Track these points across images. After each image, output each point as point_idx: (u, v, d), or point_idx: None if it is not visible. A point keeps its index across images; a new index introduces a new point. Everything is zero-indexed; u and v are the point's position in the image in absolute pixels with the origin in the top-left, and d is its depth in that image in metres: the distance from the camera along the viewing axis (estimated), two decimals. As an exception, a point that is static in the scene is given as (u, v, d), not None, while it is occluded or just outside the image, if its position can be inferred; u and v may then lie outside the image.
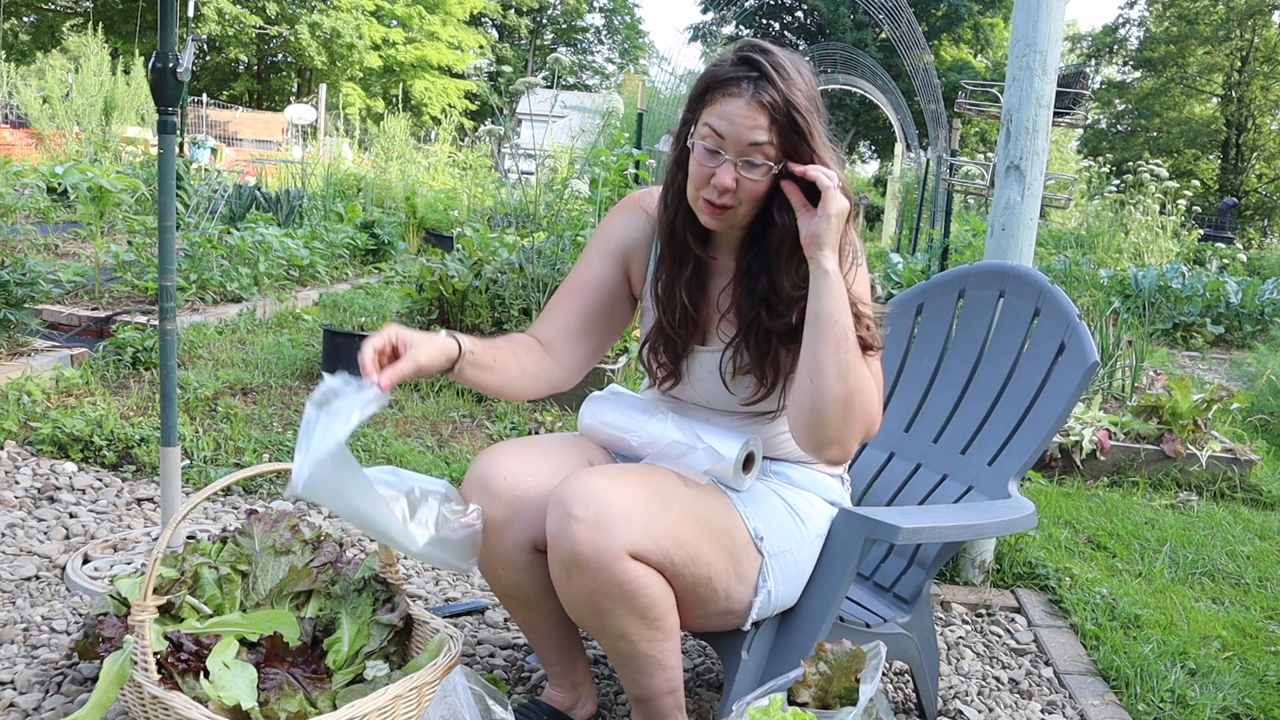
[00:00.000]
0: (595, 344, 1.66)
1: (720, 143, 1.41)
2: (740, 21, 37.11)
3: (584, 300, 1.64)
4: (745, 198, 1.44)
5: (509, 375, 1.55)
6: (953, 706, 1.99)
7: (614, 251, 1.66)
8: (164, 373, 2.11)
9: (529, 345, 1.61)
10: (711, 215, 1.47)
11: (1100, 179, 11.12)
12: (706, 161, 1.43)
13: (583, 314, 1.64)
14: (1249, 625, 2.43)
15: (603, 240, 1.68)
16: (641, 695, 1.53)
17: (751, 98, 1.39)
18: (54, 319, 4.28)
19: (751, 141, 1.40)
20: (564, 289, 1.67)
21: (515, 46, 42.04)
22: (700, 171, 1.45)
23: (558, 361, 1.62)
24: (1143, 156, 12.59)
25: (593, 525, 1.35)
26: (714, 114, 1.42)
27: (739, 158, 1.41)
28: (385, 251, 7.64)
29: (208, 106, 19.62)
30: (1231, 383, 5.56)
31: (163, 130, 2.02)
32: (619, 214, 1.69)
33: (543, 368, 1.61)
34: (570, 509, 1.37)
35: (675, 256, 1.58)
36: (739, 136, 1.40)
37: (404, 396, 3.84)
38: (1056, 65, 2.41)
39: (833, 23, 32.97)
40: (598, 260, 1.66)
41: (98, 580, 2.18)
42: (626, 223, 1.67)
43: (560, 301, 1.65)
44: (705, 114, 1.44)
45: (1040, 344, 1.86)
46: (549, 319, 1.65)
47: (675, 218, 1.55)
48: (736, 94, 1.40)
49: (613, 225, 1.68)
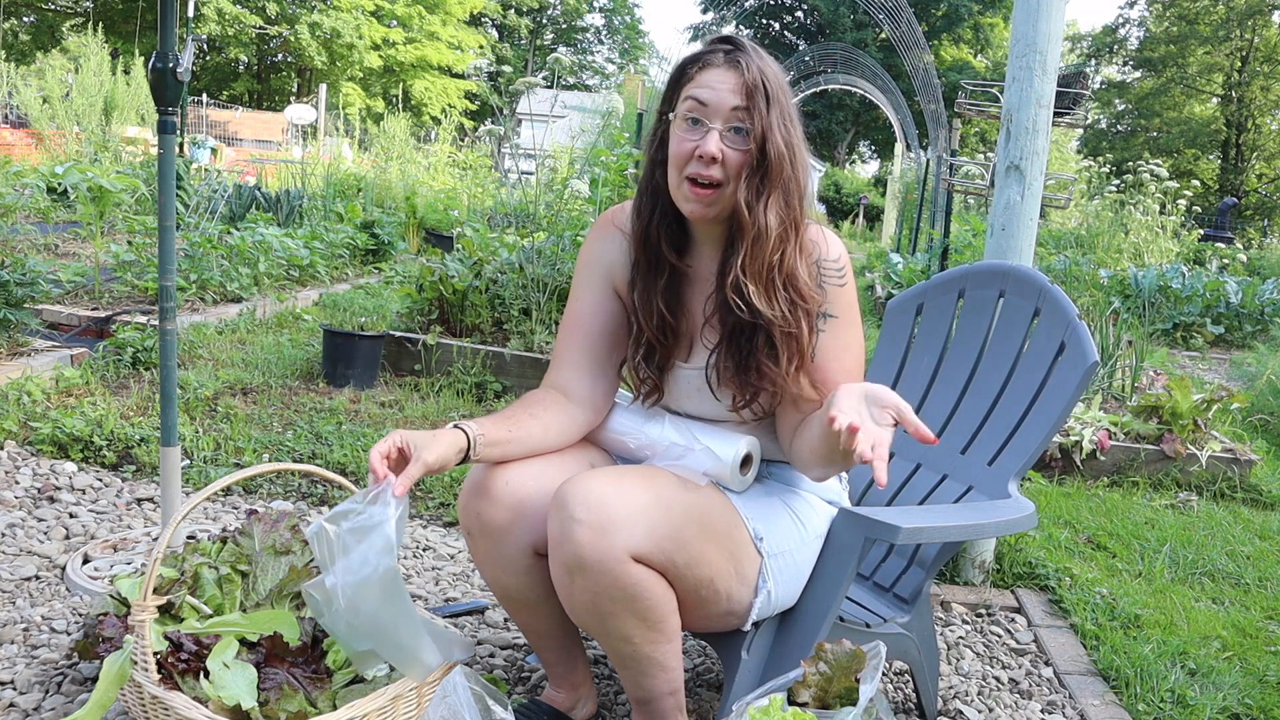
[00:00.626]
0: (610, 375, 1.65)
1: (703, 110, 1.42)
2: (740, 21, 37.13)
3: (585, 335, 1.63)
4: (731, 172, 1.43)
5: (532, 439, 1.53)
6: (953, 706, 1.99)
7: (599, 278, 1.64)
8: (164, 373, 2.11)
9: (546, 399, 1.59)
10: (698, 198, 1.45)
11: (1100, 179, 11.11)
12: (689, 134, 1.43)
13: (587, 349, 1.62)
14: (1249, 625, 2.43)
15: (586, 269, 1.66)
16: (642, 696, 1.53)
17: (729, 66, 1.42)
18: (54, 319, 4.28)
19: (733, 106, 1.41)
20: (565, 329, 1.65)
21: (515, 46, 42.05)
22: (683, 147, 1.44)
23: (580, 405, 1.61)
24: (1143, 156, 12.59)
25: (595, 528, 1.35)
26: (694, 86, 1.43)
27: (724, 125, 1.42)
28: (385, 251, 7.64)
29: (208, 106, 19.63)
30: (1231, 383, 5.57)
31: (163, 130, 2.02)
32: (594, 238, 1.67)
33: (568, 418, 1.59)
34: (572, 512, 1.36)
35: (650, 264, 1.56)
36: (721, 101, 1.41)
37: (404, 397, 3.84)
38: (1056, 65, 2.41)
39: (833, 23, 32.98)
40: (586, 291, 1.65)
41: (98, 580, 2.18)
42: (604, 245, 1.65)
43: (564, 343, 1.64)
44: (684, 90, 1.45)
45: (1040, 344, 1.85)
46: (560, 364, 1.63)
47: (650, 223, 1.53)
48: (714, 64, 1.43)
49: (591, 252, 1.66)
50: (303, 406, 3.56)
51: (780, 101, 1.43)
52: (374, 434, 3.27)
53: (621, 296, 1.65)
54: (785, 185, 1.44)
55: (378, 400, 3.75)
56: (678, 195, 1.47)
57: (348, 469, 2.99)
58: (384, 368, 4.14)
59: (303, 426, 3.32)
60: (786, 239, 1.46)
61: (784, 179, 1.44)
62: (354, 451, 3.10)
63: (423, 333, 4.26)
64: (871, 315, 7.67)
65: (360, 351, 3.93)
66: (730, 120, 1.41)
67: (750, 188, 1.43)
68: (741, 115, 1.41)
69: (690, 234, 1.57)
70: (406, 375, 4.15)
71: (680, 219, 1.54)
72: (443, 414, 3.65)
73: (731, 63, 1.42)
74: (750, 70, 1.41)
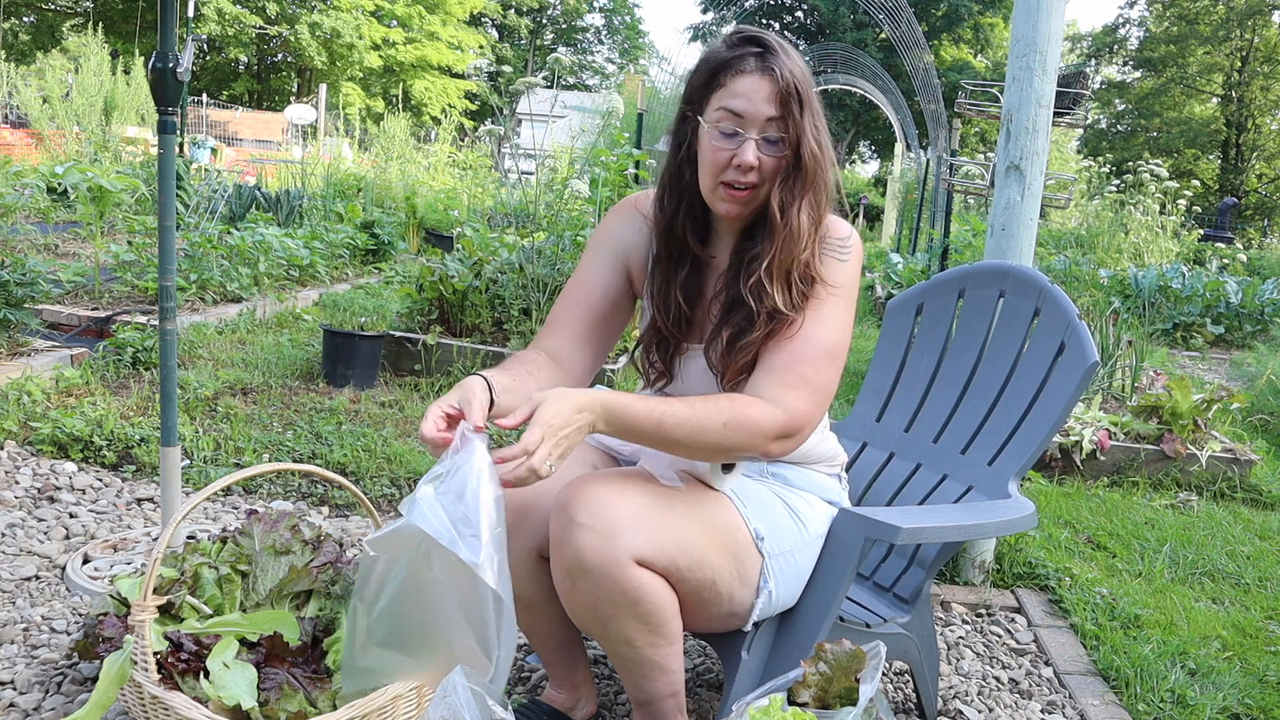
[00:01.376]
0: (600, 348, 1.65)
1: (739, 122, 1.42)
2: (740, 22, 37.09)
3: (588, 307, 1.63)
4: (767, 175, 1.44)
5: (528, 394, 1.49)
6: (953, 706, 1.99)
7: (613, 255, 1.65)
8: (164, 373, 2.11)
9: (538, 361, 1.58)
10: (735, 200, 1.46)
11: (1100, 179, 11.11)
12: (724, 144, 1.43)
13: (587, 320, 1.63)
14: (1249, 625, 2.43)
15: (601, 244, 1.67)
16: (643, 699, 1.53)
17: (762, 73, 1.41)
18: (54, 319, 4.28)
19: (769, 116, 1.41)
20: (566, 297, 1.65)
21: (515, 46, 42.04)
22: (719, 156, 1.44)
23: (567, 371, 1.60)
24: (1143, 156, 12.59)
25: (598, 532, 1.34)
26: (727, 95, 1.43)
27: (760, 135, 1.42)
28: (385, 251, 7.64)
29: (208, 106, 19.63)
30: (1231, 383, 5.57)
31: (163, 130, 2.02)
32: (615, 217, 1.68)
33: (555, 381, 1.58)
34: (575, 516, 1.36)
35: (672, 256, 1.57)
36: (757, 112, 1.41)
37: (404, 397, 3.84)
38: (1056, 65, 2.41)
39: (833, 23, 32.99)
40: (598, 265, 1.65)
41: (98, 580, 2.18)
42: (624, 225, 1.66)
43: (564, 310, 1.64)
44: (716, 98, 1.44)
45: (1040, 344, 1.85)
46: (555, 329, 1.62)
47: (675, 217, 1.54)
48: (746, 70, 1.42)
49: (610, 229, 1.68)
50: (303, 406, 3.56)
51: (811, 102, 1.43)
52: (374, 434, 3.27)
53: (632, 280, 1.66)
54: (817, 186, 1.46)
55: (378, 400, 3.75)
56: (712, 198, 1.48)
57: (348, 469, 2.99)
58: (384, 368, 4.14)
59: (303, 426, 3.32)
60: (813, 236, 1.48)
61: (817, 181, 1.45)
62: (354, 451, 3.10)
63: (423, 333, 4.26)
64: (871, 315, 7.67)
65: (360, 351, 3.93)
66: (765, 130, 1.42)
67: (785, 190, 1.44)
68: (777, 124, 1.42)
69: (712, 225, 1.59)
70: (406, 375, 4.15)
71: (705, 212, 1.56)
72: (443, 414, 3.65)
73: (765, 69, 1.41)
74: (783, 77, 1.41)
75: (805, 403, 1.44)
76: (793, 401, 1.43)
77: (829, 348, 1.48)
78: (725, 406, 1.39)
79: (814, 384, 1.45)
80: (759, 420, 1.40)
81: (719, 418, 1.38)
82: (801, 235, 1.45)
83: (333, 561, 1.73)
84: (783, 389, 1.44)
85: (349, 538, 2.58)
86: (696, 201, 1.53)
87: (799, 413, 1.43)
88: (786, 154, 1.43)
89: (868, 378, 2.17)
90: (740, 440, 1.40)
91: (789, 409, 1.43)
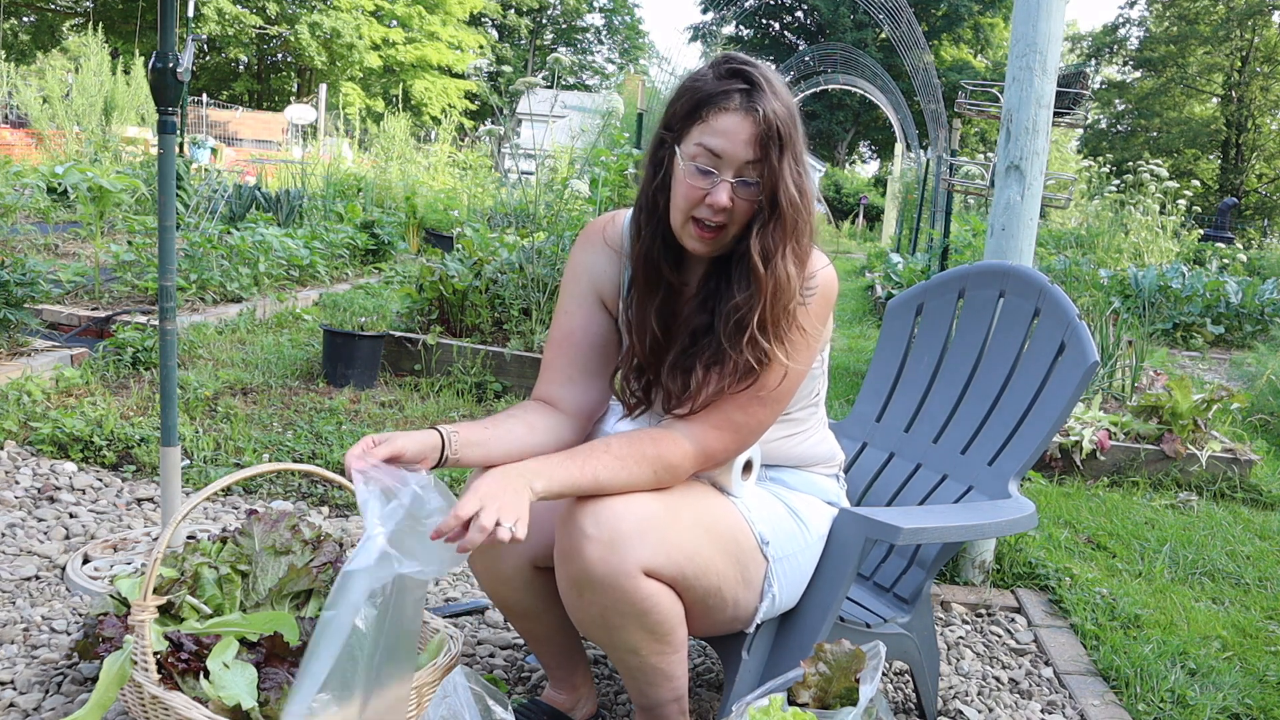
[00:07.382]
0: (598, 380, 1.61)
1: (715, 161, 1.37)
2: (740, 21, 37.14)
3: (571, 347, 1.60)
4: (738, 217, 1.40)
5: (513, 436, 1.48)
6: (953, 706, 1.99)
7: (586, 291, 1.61)
8: (164, 373, 2.11)
9: (527, 407, 1.56)
10: (702, 239, 1.42)
11: (1100, 179, 11.11)
12: (698, 182, 1.39)
13: (575, 361, 1.59)
14: (1249, 625, 2.43)
15: (572, 284, 1.62)
16: (647, 704, 1.53)
17: (746, 113, 1.36)
18: (54, 319, 4.28)
19: (746, 160, 1.37)
20: (552, 344, 1.62)
21: (515, 46, 42.05)
22: (692, 193, 1.40)
23: (566, 412, 1.57)
24: (1143, 156, 12.58)
25: (606, 544, 1.33)
26: (707, 131, 1.38)
27: (735, 177, 1.38)
28: (385, 251, 7.64)
29: (208, 106, 19.64)
30: (1231, 383, 5.56)
31: (163, 130, 2.02)
32: (581, 251, 1.63)
33: (556, 420, 1.56)
34: (582, 526, 1.34)
35: (648, 283, 1.51)
36: (734, 154, 1.37)
37: (404, 397, 3.84)
38: (1056, 65, 2.41)
39: (833, 23, 32.99)
40: (573, 305, 1.61)
41: (98, 580, 2.18)
42: (591, 258, 1.62)
43: (552, 355, 1.61)
44: (695, 132, 1.39)
45: (1040, 344, 1.85)
46: (546, 375, 1.60)
47: (652, 244, 1.49)
48: (730, 109, 1.37)
49: (578, 264, 1.63)
50: (303, 406, 3.56)
51: (793, 144, 1.38)
52: (372, 433, 3.27)
53: (609, 309, 1.62)
54: (798, 231, 1.41)
55: (378, 400, 3.75)
56: (682, 233, 1.44)
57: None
58: (384, 368, 4.14)
59: (303, 426, 3.32)
60: (801, 284, 1.44)
61: (798, 227, 1.41)
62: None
63: (423, 333, 4.26)
64: (871, 315, 7.67)
65: (360, 351, 3.93)
66: (742, 172, 1.38)
67: (764, 238, 1.40)
68: (754, 168, 1.37)
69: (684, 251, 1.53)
70: (406, 375, 4.15)
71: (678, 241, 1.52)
72: (443, 414, 3.65)
73: (749, 109, 1.36)
74: (766, 119, 1.35)
75: (725, 442, 1.48)
76: (713, 443, 1.47)
77: (766, 392, 1.46)
78: (652, 456, 1.41)
79: (739, 425, 1.47)
80: (681, 466, 1.45)
81: (649, 468, 1.41)
82: (790, 286, 1.41)
83: (332, 561, 1.73)
84: (705, 430, 1.46)
85: (349, 538, 2.58)
86: (669, 230, 1.48)
87: (718, 451, 1.48)
88: (760, 198, 1.39)
89: (868, 378, 2.17)
90: (667, 481, 1.44)
91: (708, 450, 1.47)
